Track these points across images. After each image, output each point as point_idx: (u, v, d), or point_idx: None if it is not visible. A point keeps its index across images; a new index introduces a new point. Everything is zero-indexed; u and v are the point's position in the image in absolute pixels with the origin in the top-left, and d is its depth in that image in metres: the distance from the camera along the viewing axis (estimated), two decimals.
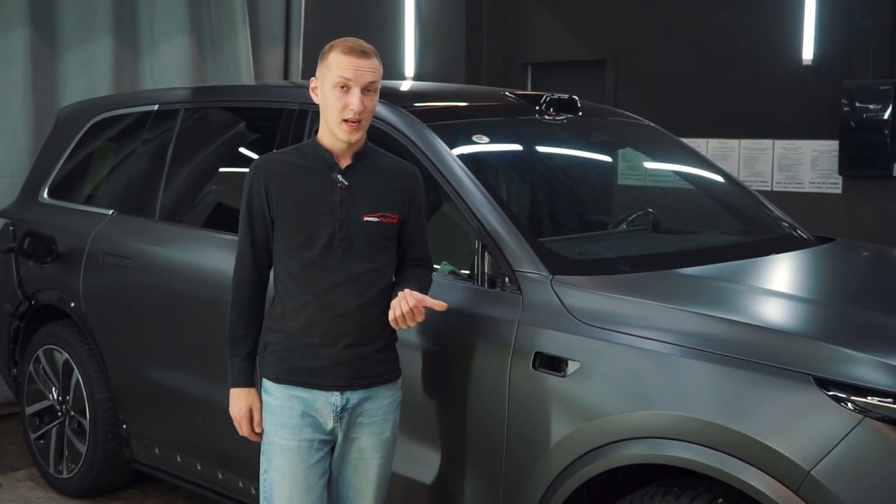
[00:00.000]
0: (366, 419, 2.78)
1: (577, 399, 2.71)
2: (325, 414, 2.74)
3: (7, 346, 4.77)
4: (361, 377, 2.75)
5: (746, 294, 2.99)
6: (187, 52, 6.25)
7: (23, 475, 4.70)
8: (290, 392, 2.75)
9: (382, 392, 2.81)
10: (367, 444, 2.80)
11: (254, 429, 2.84)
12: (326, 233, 2.70)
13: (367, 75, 2.69)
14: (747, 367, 2.48)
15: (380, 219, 2.75)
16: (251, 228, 2.79)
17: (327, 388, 2.73)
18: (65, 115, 4.99)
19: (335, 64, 2.69)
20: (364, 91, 2.69)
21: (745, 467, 2.40)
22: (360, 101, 2.67)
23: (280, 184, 2.75)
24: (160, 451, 4.07)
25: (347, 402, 2.75)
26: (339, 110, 2.68)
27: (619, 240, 3.59)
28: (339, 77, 2.67)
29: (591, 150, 4.06)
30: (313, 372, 2.73)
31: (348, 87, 2.68)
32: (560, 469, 2.72)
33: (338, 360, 2.72)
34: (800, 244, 3.67)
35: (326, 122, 2.74)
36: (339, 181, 2.73)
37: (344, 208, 2.72)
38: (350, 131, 2.70)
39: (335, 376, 2.73)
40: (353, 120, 2.68)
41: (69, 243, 4.40)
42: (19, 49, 5.54)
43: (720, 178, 4.15)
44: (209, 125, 4.30)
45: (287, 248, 2.74)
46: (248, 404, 2.83)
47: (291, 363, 2.75)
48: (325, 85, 2.72)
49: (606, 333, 2.71)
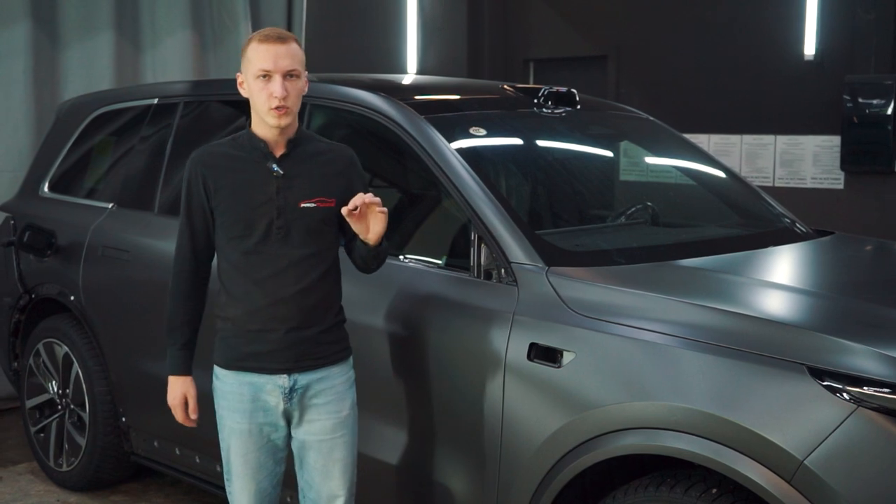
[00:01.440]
0: (322, 399, 2.84)
1: (572, 390, 2.72)
2: (275, 396, 2.81)
3: (8, 339, 4.78)
4: (307, 359, 2.81)
5: (742, 285, 2.98)
6: (189, 47, 6.26)
7: (23, 468, 4.71)
8: (240, 378, 2.82)
9: (334, 371, 2.86)
10: (327, 424, 2.85)
11: (189, 415, 2.96)
12: (265, 221, 2.76)
13: (285, 61, 2.73)
14: (741, 358, 2.48)
15: (317, 204, 2.79)
16: (190, 220, 2.85)
17: (274, 372, 2.79)
18: (65, 110, 5.00)
19: (254, 56, 2.74)
20: (286, 77, 2.72)
21: (739, 457, 2.40)
22: (282, 87, 2.71)
23: (217, 175, 2.80)
24: (159, 445, 4.08)
25: (295, 383, 2.80)
26: (265, 99, 2.72)
27: (616, 232, 3.59)
28: (259, 68, 2.72)
29: (589, 143, 4.05)
30: (259, 357, 2.79)
31: (269, 76, 2.72)
32: (555, 460, 2.72)
33: (282, 345, 2.78)
34: (798, 237, 3.66)
35: (257, 112, 2.78)
36: (275, 170, 2.78)
37: (281, 196, 2.76)
38: (279, 116, 2.73)
39: (281, 360, 2.79)
40: (280, 106, 2.71)
41: (69, 237, 4.42)
42: (21, 43, 5.55)
43: (720, 173, 4.14)
44: (208, 119, 4.31)
45: (227, 238, 2.80)
46: (182, 392, 2.93)
47: (238, 349, 2.81)
48: (248, 78, 2.77)
49: (602, 324, 2.72)
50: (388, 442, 3.18)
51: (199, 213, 2.83)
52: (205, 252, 2.89)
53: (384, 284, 3.22)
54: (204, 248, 2.88)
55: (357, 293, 3.22)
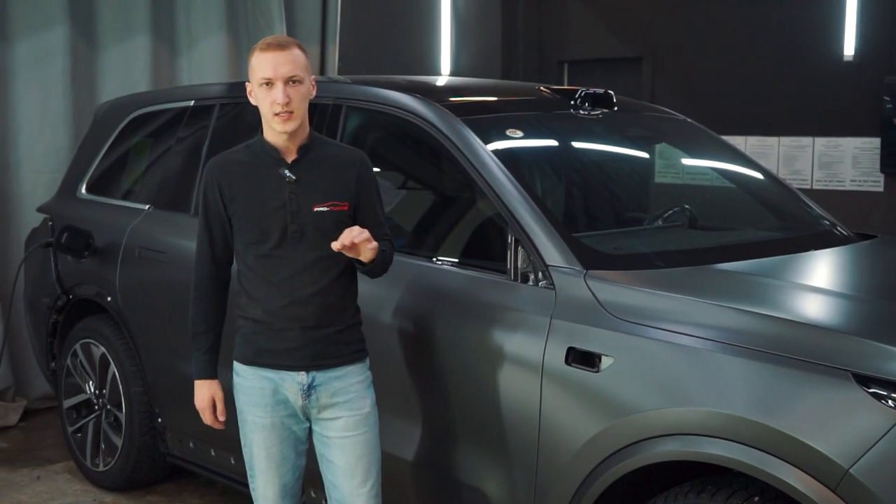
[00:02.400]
0: (342, 397, 2.88)
1: (611, 395, 2.68)
2: (294, 392, 2.86)
3: (45, 339, 4.82)
4: (325, 357, 2.86)
5: (784, 289, 2.94)
6: (224, 50, 6.29)
7: (60, 468, 4.75)
8: (260, 373, 2.88)
9: (351, 370, 2.91)
10: (349, 421, 2.88)
11: (217, 417, 3.02)
12: (279, 226, 2.82)
13: (285, 68, 2.77)
14: (784, 364, 2.44)
15: (329, 208, 2.84)
16: (208, 227, 2.92)
17: (292, 368, 2.86)
18: (103, 112, 5.04)
19: (256, 65, 2.81)
20: (288, 83, 2.77)
21: (781, 465, 2.36)
22: (283, 94, 2.76)
23: (232, 182, 2.86)
24: (195, 446, 4.09)
25: (313, 380, 2.86)
26: (269, 106, 2.78)
27: (654, 235, 3.55)
28: (261, 76, 2.78)
29: (626, 145, 4.02)
30: (278, 354, 2.86)
31: (272, 83, 2.77)
32: (593, 465, 2.69)
33: (300, 343, 2.84)
34: (839, 241, 3.61)
35: (265, 119, 2.84)
36: (287, 176, 2.83)
37: (294, 202, 2.82)
38: (283, 121, 2.78)
39: (299, 357, 2.85)
40: (284, 111, 2.76)
41: (106, 238, 4.44)
42: (59, 46, 5.60)
43: (758, 175, 4.09)
44: (244, 121, 4.30)
45: (245, 244, 2.87)
46: (210, 395, 3.00)
47: (258, 346, 2.88)
48: (254, 86, 2.83)
49: (641, 329, 2.68)
50: (421, 444, 3.16)
51: (217, 220, 2.90)
52: (224, 257, 2.96)
53: (420, 287, 3.21)
54: (223, 253, 2.95)
55: (392, 296, 3.21)
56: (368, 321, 3.02)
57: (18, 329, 5.30)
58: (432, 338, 3.11)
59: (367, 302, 3.03)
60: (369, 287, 3.08)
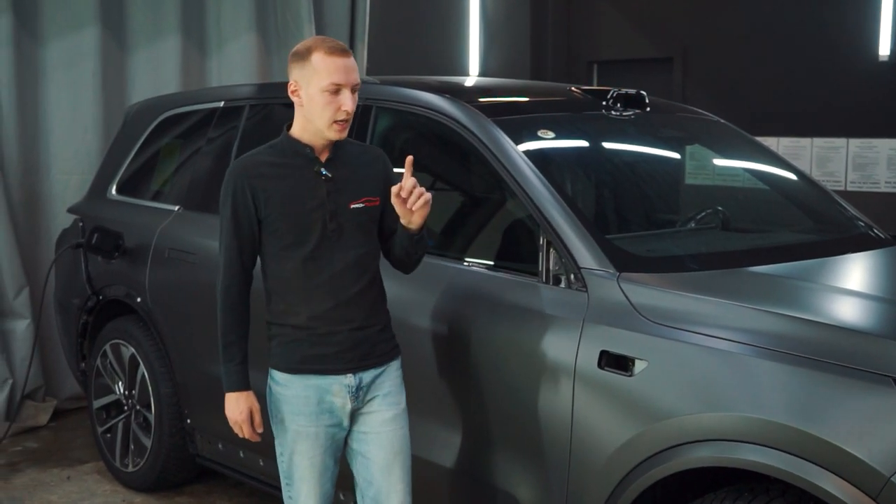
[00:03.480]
0: (382, 391, 2.85)
1: (645, 399, 2.64)
2: (342, 396, 2.81)
3: (75, 340, 4.83)
4: (370, 357, 2.83)
5: (821, 293, 2.89)
6: (254, 51, 6.30)
7: (90, 468, 4.76)
8: (305, 381, 2.81)
9: (391, 367, 2.89)
10: (388, 414, 2.85)
11: (255, 430, 2.89)
12: (318, 226, 2.76)
13: (353, 75, 2.73)
14: (822, 369, 2.39)
15: (364, 204, 2.82)
16: (238, 234, 2.80)
17: (340, 372, 2.80)
18: (133, 113, 5.05)
19: (323, 67, 2.70)
20: (353, 90, 2.73)
21: (820, 472, 2.31)
22: (353, 102, 2.71)
23: (265, 185, 2.77)
24: (224, 447, 4.08)
25: (360, 381, 2.82)
26: (333, 113, 2.71)
27: (687, 237, 3.50)
28: (330, 82, 2.69)
29: (659, 146, 3.97)
30: (325, 359, 2.80)
31: (339, 90, 2.71)
32: (627, 470, 2.65)
33: (347, 345, 2.80)
34: (877, 244, 3.54)
35: (312, 123, 2.75)
36: (324, 174, 2.78)
37: (332, 200, 2.77)
38: (341, 130, 2.74)
39: (346, 360, 2.80)
40: (346, 120, 2.72)
41: (136, 239, 4.45)
42: (90, 47, 5.62)
43: (792, 176, 4.03)
44: (274, 122, 4.31)
45: (280, 247, 2.78)
46: (248, 407, 2.86)
47: (302, 352, 2.80)
48: (310, 87, 2.72)
49: (675, 332, 2.64)
50: (451, 447, 3.14)
51: (247, 226, 2.80)
52: (251, 263, 2.87)
53: (449, 289, 3.18)
54: (250, 259, 2.86)
55: (421, 297, 3.18)
56: (398, 323, 3.00)
57: (49, 330, 5.33)
58: (462, 340, 3.09)
59: (397, 304, 3.00)
60: (399, 289, 3.06)
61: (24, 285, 5.30)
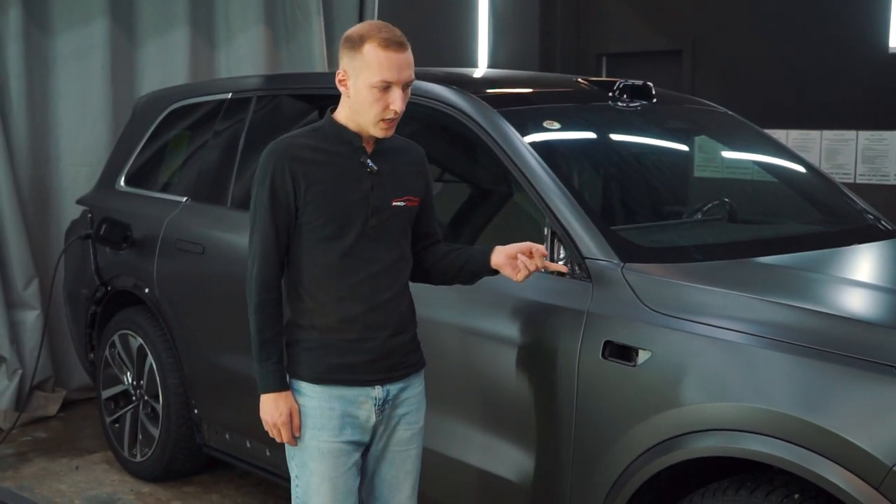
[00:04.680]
0: (404, 409, 2.68)
1: (648, 389, 2.65)
2: (367, 410, 2.62)
3: (84, 331, 4.86)
4: (400, 367, 2.65)
5: (826, 283, 2.88)
6: (262, 43, 6.31)
7: (98, 458, 4.79)
8: (330, 392, 2.59)
9: (416, 380, 2.72)
10: (405, 434, 2.70)
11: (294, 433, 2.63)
12: (359, 221, 2.55)
13: (406, 72, 2.50)
14: (826, 359, 2.39)
15: (406, 203, 2.63)
16: (275, 221, 2.56)
17: (369, 384, 2.60)
18: (141, 105, 5.07)
19: (374, 61, 2.47)
20: (405, 88, 2.52)
21: (823, 462, 2.31)
22: (402, 101, 2.51)
23: (307, 170, 2.53)
24: (231, 437, 4.10)
25: (388, 394, 2.64)
26: (380, 110, 2.50)
27: (693, 228, 3.50)
28: (380, 78, 2.47)
29: (665, 137, 3.97)
30: (353, 368, 2.59)
31: (389, 87, 2.49)
32: (630, 460, 2.66)
33: (378, 354, 2.59)
34: (884, 235, 3.54)
35: (358, 116, 2.55)
36: (370, 166, 2.58)
37: (375, 194, 2.57)
38: (387, 129, 2.55)
39: (376, 370, 2.60)
40: (392, 119, 2.53)
41: (144, 230, 4.47)
42: (99, 40, 5.64)
43: (800, 168, 4.02)
44: (281, 113, 4.32)
45: (316, 239, 2.56)
46: (287, 408, 2.59)
47: (329, 361, 2.59)
48: (359, 80, 2.50)
49: (679, 322, 2.64)
50: (453, 436, 3.14)
51: (285, 212, 2.55)
52: (285, 254, 2.61)
53: None
54: (285, 250, 2.60)
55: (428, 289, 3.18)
56: None
57: (58, 320, 5.36)
58: (465, 330, 3.09)
59: None
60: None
61: (33, 276, 5.33)
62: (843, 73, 7.48)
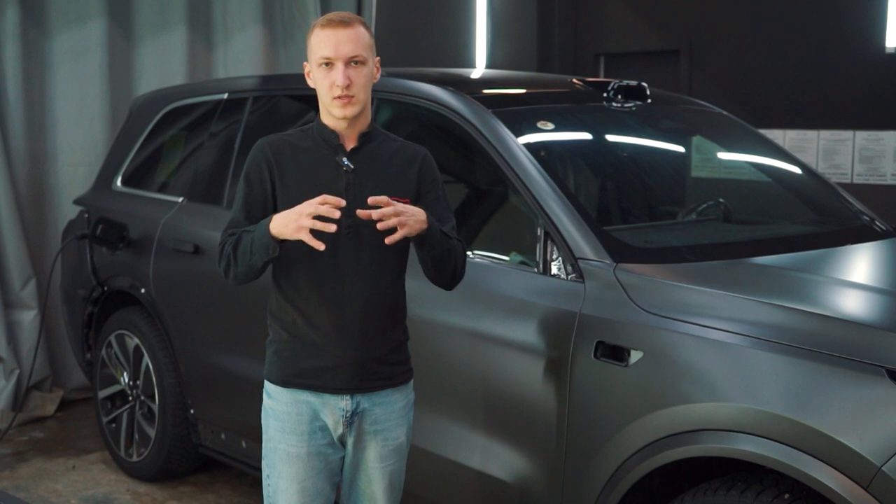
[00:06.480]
0: (378, 426, 2.60)
1: (640, 389, 2.66)
2: (335, 419, 2.56)
3: (81, 331, 4.87)
4: (372, 379, 2.56)
5: (818, 284, 2.89)
6: (260, 43, 6.31)
7: (95, 458, 4.79)
8: (297, 396, 2.56)
9: (394, 396, 2.62)
10: (381, 452, 2.62)
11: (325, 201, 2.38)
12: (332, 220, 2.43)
13: (347, 47, 2.48)
14: (817, 359, 2.40)
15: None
16: (247, 209, 2.56)
17: (337, 392, 2.54)
18: (138, 105, 5.08)
19: (315, 43, 2.52)
20: (349, 64, 2.49)
21: (813, 462, 2.32)
22: (343, 76, 2.47)
23: (283, 164, 2.55)
24: (226, 437, 4.11)
25: (358, 405, 2.56)
26: (328, 89, 2.50)
27: (687, 229, 3.51)
28: (320, 56, 2.49)
29: (660, 138, 3.98)
30: (321, 374, 2.54)
31: (332, 64, 2.49)
32: (621, 460, 2.67)
33: (347, 360, 2.53)
34: (878, 236, 3.54)
35: (322, 104, 2.57)
36: (345, 164, 2.54)
37: (350, 193, 2.49)
38: (343, 105, 2.50)
39: (344, 378, 2.54)
40: (343, 95, 2.49)
41: (140, 230, 4.48)
42: (96, 40, 5.64)
43: (795, 169, 4.03)
44: (277, 114, 4.33)
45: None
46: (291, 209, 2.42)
47: (297, 364, 2.56)
48: (312, 66, 2.55)
49: (671, 323, 2.65)
50: (446, 436, 3.15)
51: (259, 203, 2.56)
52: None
53: None
54: None
55: (420, 288, 3.18)
56: None
57: (55, 320, 5.37)
58: (458, 330, 3.10)
59: None
60: None
61: (30, 276, 5.34)
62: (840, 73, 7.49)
